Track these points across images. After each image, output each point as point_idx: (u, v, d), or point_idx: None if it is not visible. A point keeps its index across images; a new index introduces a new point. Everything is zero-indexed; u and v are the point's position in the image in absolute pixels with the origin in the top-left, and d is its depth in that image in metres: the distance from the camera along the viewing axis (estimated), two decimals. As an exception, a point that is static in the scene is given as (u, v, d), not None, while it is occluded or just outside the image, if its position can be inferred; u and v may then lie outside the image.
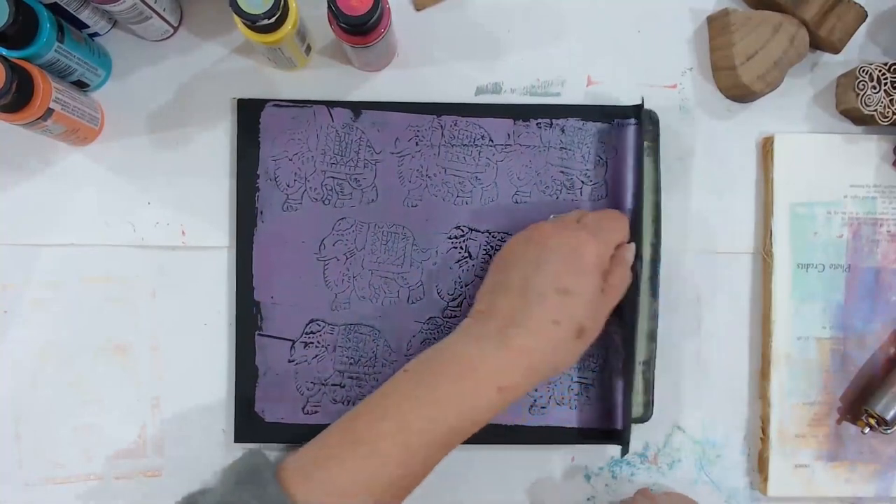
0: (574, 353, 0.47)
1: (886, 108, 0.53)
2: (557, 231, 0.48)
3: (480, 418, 0.45)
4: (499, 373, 0.44)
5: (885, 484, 0.55)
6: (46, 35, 0.48)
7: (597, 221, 0.49)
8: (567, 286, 0.46)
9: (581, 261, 0.46)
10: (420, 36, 0.57)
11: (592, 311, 0.47)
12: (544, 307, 0.45)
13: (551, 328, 0.45)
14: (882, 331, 0.55)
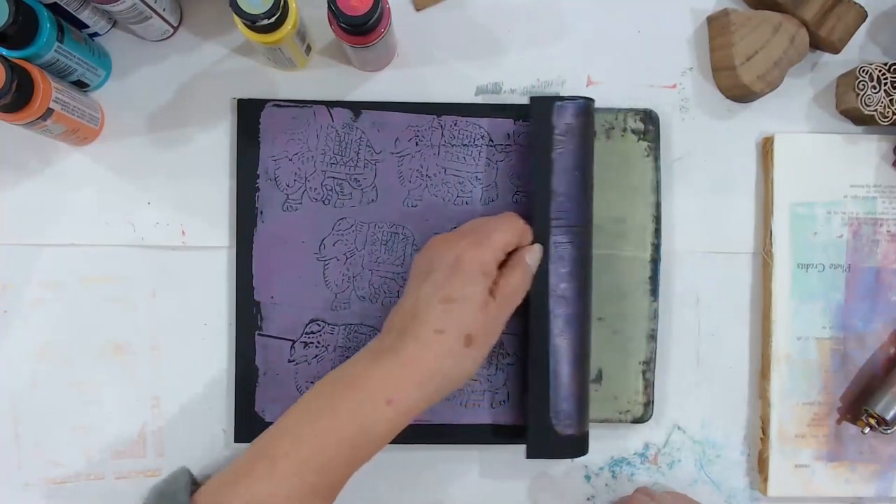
0: (468, 362, 0.46)
1: (886, 108, 0.53)
2: (443, 241, 0.48)
3: (375, 433, 0.44)
4: (387, 385, 0.44)
5: (885, 484, 0.55)
6: (46, 35, 0.48)
7: (483, 227, 0.48)
8: (450, 295, 0.45)
9: (462, 269, 0.46)
10: (420, 36, 0.57)
11: (481, 319, 0.46)
12: (429, 317, 0.45)
13: (437, 338, 0.45)
14: (882, 331, 0.55)
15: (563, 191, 0.51)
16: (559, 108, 0.52)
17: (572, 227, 0.51)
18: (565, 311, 0.51)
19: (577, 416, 0.52)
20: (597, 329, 0.55)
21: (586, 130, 0.52)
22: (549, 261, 0.51)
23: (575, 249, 0.51)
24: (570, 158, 0.52)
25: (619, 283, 0.55)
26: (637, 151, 0.56)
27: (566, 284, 0.51)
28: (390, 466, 0.55)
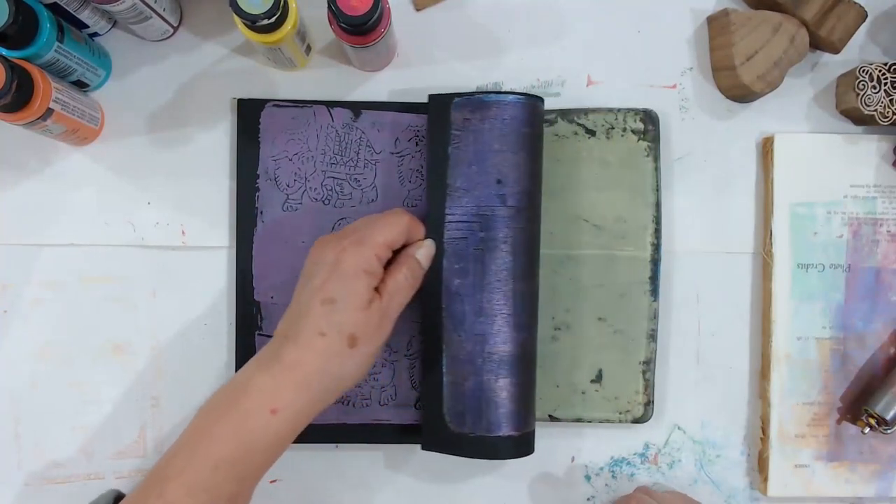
0: (354, 363, 0.45)
1: (886, 108, 0.53)
2: (325, 243, 0.47)
3: (263, 444, 0.43)
4: (270, 393, 0.43)
5: (885, 484, 0.55)
6: (46, 35, 0.48)
7: (366, 226, 0.47)
8: (331, 296, 0.45)
9: (343, 269, 0.45)
10: (420, 36, 0.57)
11: (364, 318, 0.45)
12: (310, 320, 0.45)
13: (318, 340, 0.44)
14: (882, 331, 0.55)
15: (459, 185, 0.51)
16: (456, 104, 0.51)
17: (468, 223, 0.50)
18: (460, 308, 0.50)
19: (477, 416, 0.50)
20: (597, 329, 0.55)
21: (486, 125, 0.50)
22: (444, 256, 0.51)
23: (470, 245, 0.50)
24: (468, 153, 0.51)
25: (619, 283, 0.55)
26: (637, 151, 0.56)
27: (460, 280, 0.50)
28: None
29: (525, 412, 0.51)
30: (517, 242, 0.51)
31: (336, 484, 0.56)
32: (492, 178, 0.50)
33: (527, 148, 0.51)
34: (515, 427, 0.50)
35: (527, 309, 0.51)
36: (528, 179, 0.51)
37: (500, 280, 0.50)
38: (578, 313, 0.55)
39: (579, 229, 0.55)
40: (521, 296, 0.51)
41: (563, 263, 0.55)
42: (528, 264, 0.51)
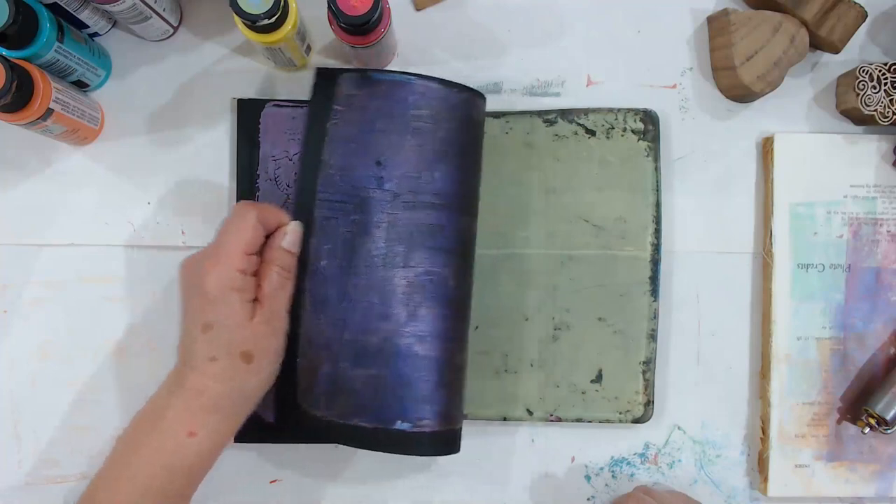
0: (257, 377, 0.45)
1: (886, 108, 0.53)
2: (188, 265, 0.46)
3: (185, 466, 0.43)
4: (184, 418, 0.43)
5: (885, 484, 0.55)
6: (46, 35, 0.48)
7: (217, 239, 0.45)
8: (207, 322, 0.44)
9: (209, 293, 0.43)
10: (420, 36, 0.57)
11: (250, 332, 0.44)
12: (197, 347, 0.44)
13: (212, 365, 0.44)
14: (882, 331, 0.55)
15: (334, 163, 0.49)
16: (343, 80, 0.50)
17: (341, 203, 0.49)
18: (323, 290, 0.49)
19: (330, 401, 0.48)
20: (597, 329, 0.55)
21: (373, 104, 0.49)
22: (312, 235, 0.49)
23: (341, 226, 0.49)
24: (349, 131, 0.49)
25: (619, 283, 0.55)
26: (637, 151, 0.56)
27: (327, 262, 0.49)
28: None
29: (388, 406, 0.48)
30: (395, 229, 0.49)
31: (336, 484, 0.56)
32: (371, 158, 0.49)
33: (424, 133, 0.49)
34: (372, 419, 0.48)
35: (399, 301, 0.49)
36: (413, 164, 0.49)
37: (370, 266, 0.49)
38: (578, 313, 0.55)
39: (579, 229, 0.55)
40: (393, 286, 0.49)
41: (563, 263, 0.55)
42: (409, 254, 0.49)
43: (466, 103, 0.51)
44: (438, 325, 0.49)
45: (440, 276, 0.49)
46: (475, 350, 0.55)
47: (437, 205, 0.50)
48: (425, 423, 0.48)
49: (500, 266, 0.55)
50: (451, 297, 0.50)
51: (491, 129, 0.56)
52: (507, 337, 0.55)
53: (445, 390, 0.49)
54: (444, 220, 0.50)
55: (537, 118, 0.56)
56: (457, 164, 0.50)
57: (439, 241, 0.50)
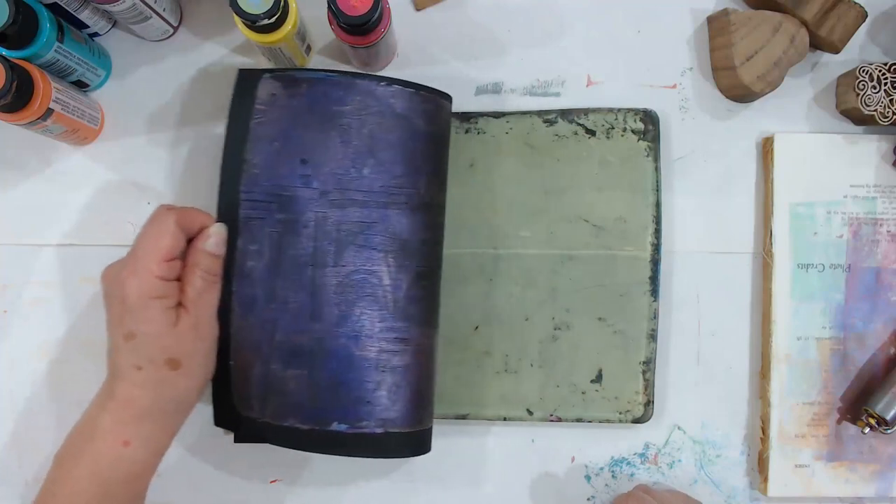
0: (186, 382, 0.45)
1: (886, 108, 0.53)
2: (107, 274, 0.45)
3: (126, 475, 0.43)
4: (118, 428, 0.43)
5: (885, 484, 0.55)
6: (46, 35, 0.48)
7: (135, 246, 0.45)
8: (130, 331, 0.43)
9: (130, 302, 0.43)
10: (420, 36, 0.57)
11: (174, 340, 0.44)
12: (122, 357, 0.44)
13: (138, 374, 0.43)
14: (882, 331, 0.55)
15: (257, 162, 0.49)
16: (265, 80, 0.49)
17: (266, 203, 0.48)
18: (251, 292, 0.48)
19: (262, 402, 0.48)
20: (597, 329, 0.55)
21: (295, 102, 0.49)
22: (238, 236, 0.48)
23: (267, 226, 0.48)
24: (272, 129, 0.49)
25: (619, 283, 0.55)
26: (637, 151, 0.56)
27: (254, 263, 0.48)
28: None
29: (323, 408, 0.48)
30: (323, 228, 0.48)
31: (336, 484, 0.56)
32: (295, 157, 0.49)
33: (349, 130, 0.49)
34: (308, 420, 0.48)
35: (331, 301, 0.48)
36: (339, 161, 0.49)
37: (299, 266, 0.48)
38: (578, 313, 0.55)
39: (579, 229, 0.55)
40: (322, 285, 0.48)
41: (563, 263, 0.55)
42: (339, 253, 0.48)
43: (398, 97, 0.50)
44: (375, 325, 0.48)
45: (374, 274, 0.49)
46: (475, 350, 0.55)
47: (367, 202, 0.49)
48: (364, 425, 0.48)
49: (500, 266, 0.55)
50: (387, 297, 0.49)
51: (491, 129, 0.56)
52: (507, 337, 0.55)
53: (389, 391, 0.48)
54: (375, 218, 0.49)
55: (537, 118, 0.56)
56: (389, 160, 0.49)
57: (371, 238, 0.49)
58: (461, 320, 0.55)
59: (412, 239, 0.50)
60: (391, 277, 0.49)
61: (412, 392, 0.49)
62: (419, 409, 0.50)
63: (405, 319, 0.49)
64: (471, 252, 0.56)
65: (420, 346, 0.50)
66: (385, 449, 0.49)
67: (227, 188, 0.49)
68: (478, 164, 0.56)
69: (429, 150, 0.51)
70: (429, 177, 0.51)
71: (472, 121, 0.56)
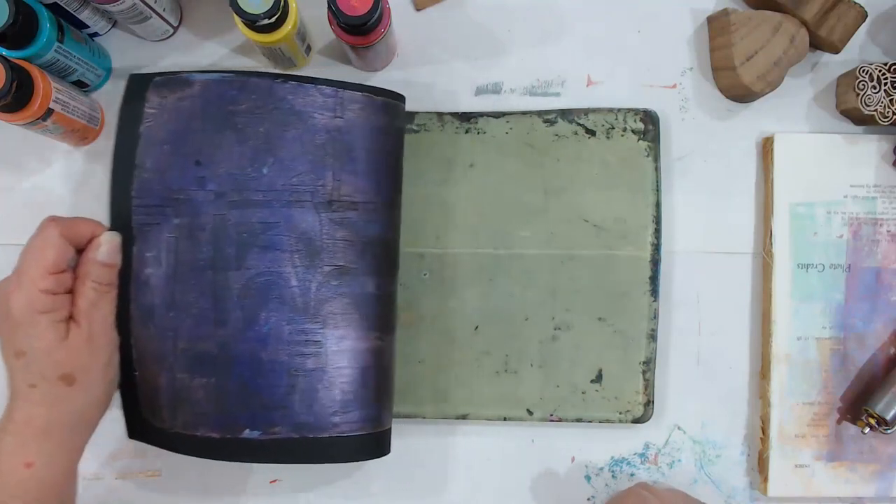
0: (85, 397, 0.44)
1: (886, 108, 0.53)
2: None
3: (30, 498, 0.42)
4: (18, 450, 0.42)
5: (885, 484, 0.55)
6: (46, 35, 0.48)
7: (20, 261, 0.43)
8: (19, 349, 0.42)
9: (15, 319, 0.42)
10: (420, 36, 0.57)
11: (66, 355, 0.42)
12: (16, 376, 0.43)
13: (33, 392, 0.42)
14: (882, 331, 0.55)
15: (151, 165, 0.48)
16: (155, 83, 0.48)
17: (160, 207, 0.47)
18: (150, 300, 0.47)
19: (173, 412, 0.47)
20: (597, 329, 0.55)
21: (187, 104, 0.48)
22: (133, 243, 0.47)
23: (164, 232, 0.47)
24: (162, 132, 0.48)
25: (619, 283, 0.55)
26: (637, 151, 0.56)
27: (152, 270, 0.47)
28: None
29: (234, 415, 0.47)
30: (222, 230, 0.47)
31: (336, 484, 0.56)
32: (189, 159, 0.48)
33: (245, 129, 0.48)
34: (219, 429, 0.47)
35: (235, 306, 0.47)
36: (236, 161, 0.48)
37: (198, 271, 0.47)
38: (578, 313, 0.55)
39: (579, 229, 0.55)
40: (225, 290, 0.47)
41: (564, 263, 0.55)
42: (241, 255, 0.47)
43: (297, 94, 0.48)
44: (283, 328, 0.47)
45: (280, 276, 0.48)
46: (475, 350, 0.55)
47: (268, 201, 0.48)
48: (277, 431, 0.47)
49: (500, 266, 0.55)
50: (296, 298, 0.48)
51: (491, 129, 0.56)
52: (507, 337, 0.55)
53: (303, 395, 0.47)
54: (278, 217, 0.48)
55: (537, 118, 0.56)
56: (291, 157, 0.48)
57: (274, 239, 0.48)
58: (461, 320, 0.55)
59: (320, 237, 0.48)
60: (299, 278, 0.48)
61: (344, 394, 0.48)
62: (358, 411, 0.48)
63: (317, 321, 0.48)
64: (471, 252, 0.56)
65: (349, 348, 0.48)
66: (307, 453, 0.47)
67: (118, 195, 0.48)
68: (478, 164, 0.56)
69: (339, 145, 0.49)
70: (337, 172, 0.49)
71: (472, 121, 0.56)
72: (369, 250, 0.49)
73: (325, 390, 0.48)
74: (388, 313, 0.51)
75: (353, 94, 0.49)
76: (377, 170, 0.50)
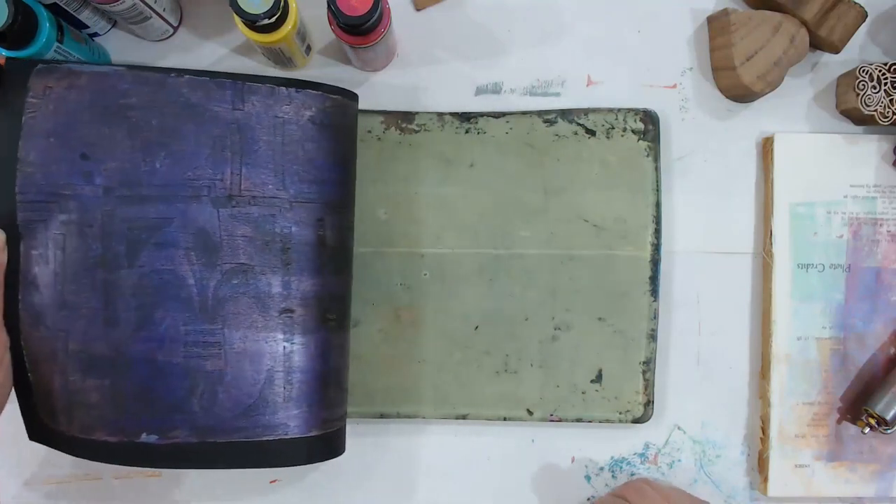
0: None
1: (886, 108, 0.53)
2: None
3: None
4: None
5: (885, 484, 0.55)
6: (46, 35, 0.48)
7: None
8: None
9: None
10: (420, 36, 0.57)
11: None
12: None
13: None
14: (882, 331, 0.55)
15: (34, 159, 0.46)
16: (39, 71, 0.46)
17: (45, 203, 0.46)
18: (39, 300, 0.46)
19: (69, 416, 0.46)
20: (597, 329, 0.55)
21: (73, 94, 0.46)
22: (19, 241, 0.45)
23: (53, 228, 0.46)
24: (47, 123, 0.46)
25: (619, 283, 0.55)
26: (637, 151, 0.56)
27: (39, 269, 0.46)
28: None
29: (130, 418, 0.46)
30: (112, 227, 0.46)
31: (336, 484, 0.56)
32: (75, 152, 0.46)
33: (136, 122, 0.46)
34: (116, 433, 0.46)
35: (127, 306, 0.46)
36: (127, 155, 0.46)
37: (88, 270, 0.46)
38: (578, 313, 0.55)
39: (579, 229, 0.55)
40: (116, 289, 0.46)
41: (563, 263, 0.55)
42: (133, 253, 0.46)
43: (192, 87, 0.47)
44: (180, 329, 0.46)
45: (175, 274, 0.46)
46: (475, 350, 0.55)
47: (162, 196, 0.46)
48: (176, 434, 0.46)
49: (500, 266, 0.55)
50: (194, 298, 0.46)
51: (491, 129, 0.56)
52: (507, 337, 0.55)
53: (202, 399, 0.46)
54: (173, 213, 0.46)
55: (537, 118, 0.56)
56: (187, 151, 0.47)
57: (169, 236, 0.46)
58: (461, 320, 0.55)
59: (218, 234, 0.47)
60: (196, 277, 0.46)
61: (249, 397, 0.47)
62: (273, 415, 0.47)
63: (216, 322, 0.46)
64: (471, 252, 0.56)
65: (254, 350, 0.47)
66: (213, 459, 0.46)
67: (0, 191, 0.46)
68: (478, 164, 0.56)
69: (239, 139, 0.47)
70: (236, 166, 0.47)
71: (472, 121, 0.56)
72: (274, 248, 0.47)
73: (227, 393, 0.46)
74: (313, 313, 0.48)
75: (254, 85, 0.48)
76: (286, 164, 0.48)
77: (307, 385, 0.48)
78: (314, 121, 0.48)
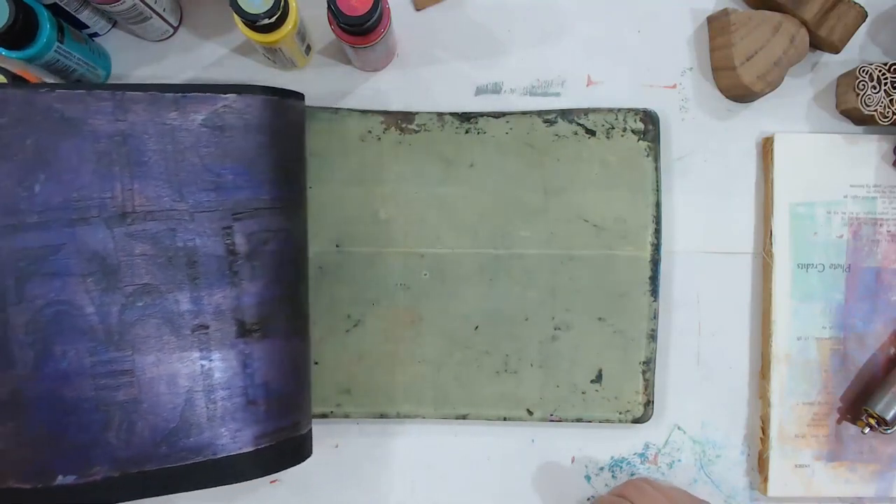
0: None
1: (886, 108, 0.53)
2: None
3: None
4: None
5: (885, 484, 0.55)
6: (46, 35, 0.48)
7: None
8: None
9: None
10: (420, 36, 0.57)
11: None
12: None
13: None
14: (882, 331, 0.55)
15: None
16: None
17: None
18: None
19: None
20: (597, 329, 0.55)
21: None
22: None
23: None
24: None
25: (618, 283, 0.55)
26: (637, 151, 0.56)
27: None
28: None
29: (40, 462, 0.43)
30: None
31: (336, 484, 0.56)
32: None
33: (8, 145, 0.43)
34: (28, 478, 0.43)
35: (23, 344, 0.43)
36: (2, 182, 0.43)
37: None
38: (578, 313, 0.55)
39: (579, 229, 0.55)
40: (9, 327, 0.43)
41: (563, 263, 0.55)
42: (20, 286, 0.43)
43: (66, 101, 0.44)
44: (85, 361, 0.43)
45: (72, 304, 0.43)
46: (475, 350, 0.55)
47: (46, 222, 0.43)
48: (96, 472, 0.43)
49: (500, 266, 0.55)
50: (96, 326, 0.43)
51: (491, 129, 0.56)
52: (507, 337, 0.55)
53: (118, 430, 0.44)
54: (61, 239, 0.43)
55: (537, 118, 0.56)
56: (67, 170, 0.44)
57: (58, 264, 0.43)
58: (461, 320, 0.55)
59: (115, 255, 0.44)
60: (95, 304, 0.43)
61: (168, 421, 0.44)
62: (199, 436, 0.45)
63: (124, 348, 0.44)
64: (471, 252, 0.56)
65: (169, 373, 0.44)
66: (142, 489, 0.44)
67: None
68: (478, 164, 0.56)
69: (126, 151, 0.44)
70: (126, 181, 0.45)
71: (472, 121, 0.56)
72: (178, 263, 0.45)
73: (145, 421, 0.44)
74: (230, 326, 0.45)
75: (135, 94, 0.45)
76: (181, 173, 0.45)
77: (233, 401, 0.45)
78: (207, 124, 0.45)
